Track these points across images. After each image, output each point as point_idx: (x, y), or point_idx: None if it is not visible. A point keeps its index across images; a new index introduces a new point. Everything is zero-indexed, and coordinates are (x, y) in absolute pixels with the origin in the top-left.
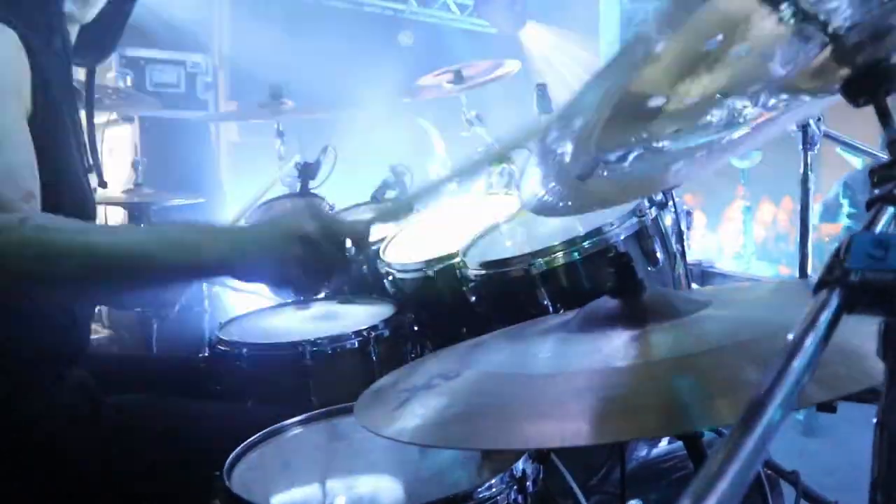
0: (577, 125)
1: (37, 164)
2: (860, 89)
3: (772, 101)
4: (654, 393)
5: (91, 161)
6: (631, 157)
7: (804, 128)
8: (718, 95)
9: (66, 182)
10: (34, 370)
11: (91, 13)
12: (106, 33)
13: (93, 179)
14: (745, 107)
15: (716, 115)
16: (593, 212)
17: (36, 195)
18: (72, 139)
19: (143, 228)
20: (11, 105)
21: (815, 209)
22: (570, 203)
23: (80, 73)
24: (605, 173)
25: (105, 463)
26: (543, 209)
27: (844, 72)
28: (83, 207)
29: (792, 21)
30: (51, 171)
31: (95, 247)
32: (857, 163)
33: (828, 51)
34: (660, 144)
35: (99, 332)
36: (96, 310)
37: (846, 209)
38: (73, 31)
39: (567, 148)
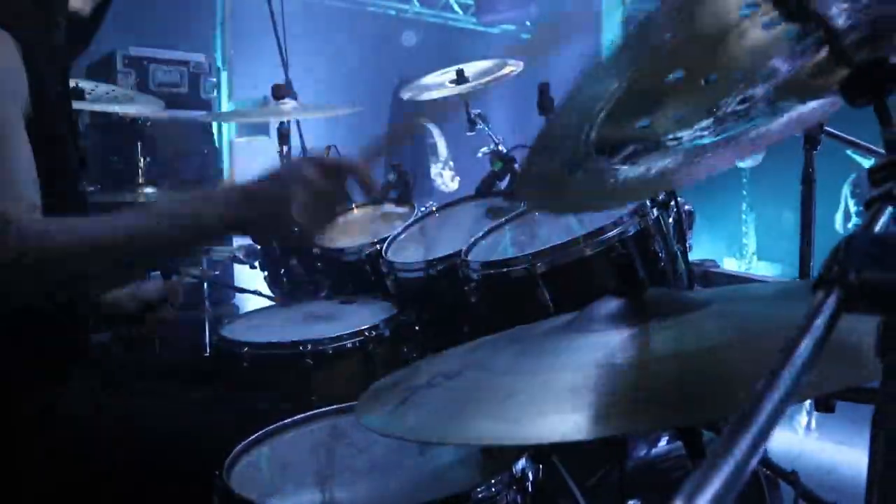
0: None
1: (36, 172)
2: (860, 89)
3: (764, 93)
4: (654, 389)
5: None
6: (627, 153)
7: None
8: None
9: (62, 186)
10: (36, 369)
11: (88, 9)
12: (88, 28)
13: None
14: (752, 99)
15: (725, 104)
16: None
17: (37, 205)
18: (69, 140)
19: (140, 212)
20: (11, 113)
21: (837, 219)
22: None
23: None
24: (597, 170)
25: (106, 461)
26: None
27: (841, 73)
28: (79, 210)
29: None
30: (49, 176)
31: (96, 238)
32: (865, 163)
33: (825, 51)
34: (666, 137)
35: (100, 332)
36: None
37: (854, 208)
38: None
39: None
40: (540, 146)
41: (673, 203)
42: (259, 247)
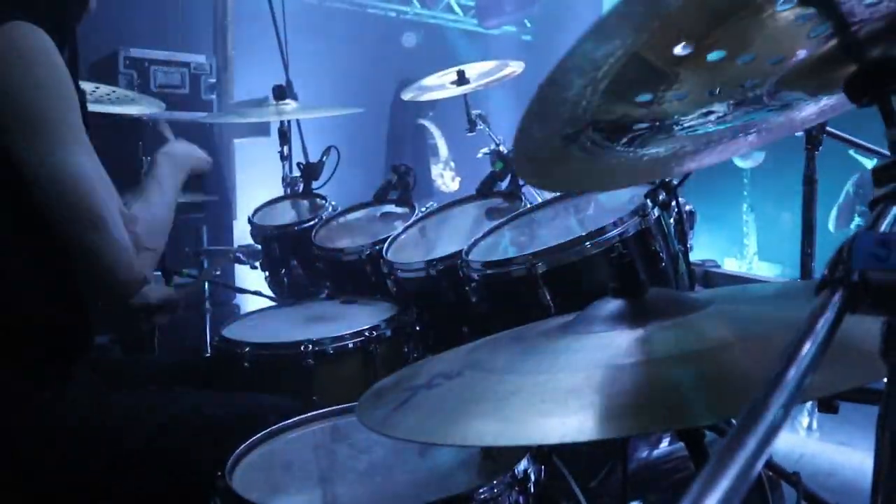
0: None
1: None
2: (864, 88)
3: (765, 91)
4: (655, 390)
5: None
6: (629, 137)
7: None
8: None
9: None
10: (42, 368)
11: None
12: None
13: None
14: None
15: (727, 91)
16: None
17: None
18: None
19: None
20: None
21: (831, 216)
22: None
23: None
24: (593, 146)
25: (109, 461)
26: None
27: (846, 70)
28: None
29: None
30: None
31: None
32: (868, 164)
33: (831, 45)
34: (667, 118)
35: (102, 333)
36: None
37: (858, 208)
38: None
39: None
40: (536, 108)
41: (674, 203)
42: (260, 247)
